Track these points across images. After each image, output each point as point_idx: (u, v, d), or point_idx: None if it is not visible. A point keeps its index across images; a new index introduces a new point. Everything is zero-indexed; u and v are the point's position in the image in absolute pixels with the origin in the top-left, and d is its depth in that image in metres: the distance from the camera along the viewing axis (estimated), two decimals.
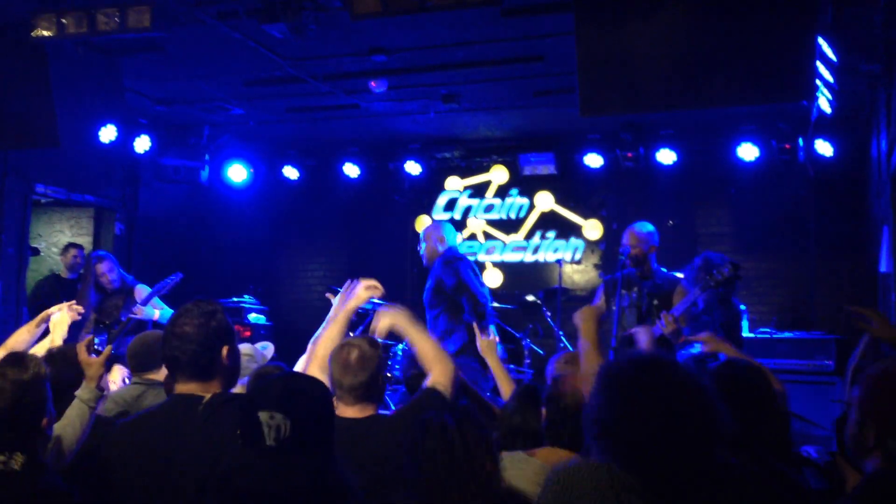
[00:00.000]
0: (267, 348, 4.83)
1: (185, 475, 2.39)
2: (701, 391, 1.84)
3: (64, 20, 5.20)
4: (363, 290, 3.53)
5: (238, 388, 3.87)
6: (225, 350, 2.60)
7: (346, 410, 2.93)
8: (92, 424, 2.98)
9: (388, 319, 3.54)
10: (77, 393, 3.00)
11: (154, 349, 3.82)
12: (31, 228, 8.25)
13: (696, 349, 4.82)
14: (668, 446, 1.78)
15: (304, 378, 2.29)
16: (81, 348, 3.21)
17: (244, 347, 4.41)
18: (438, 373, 3.17)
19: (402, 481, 2.39)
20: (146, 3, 5.03)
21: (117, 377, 4.27)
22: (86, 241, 9.11)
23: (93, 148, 7.17)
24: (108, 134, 7.05)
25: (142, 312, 6.57)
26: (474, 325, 4.50)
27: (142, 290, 6.76)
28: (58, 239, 9.33)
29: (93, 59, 6.11)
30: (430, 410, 2.55)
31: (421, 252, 6.59)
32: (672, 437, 1.78)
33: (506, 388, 3.85)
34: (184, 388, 2.57)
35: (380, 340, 3.43)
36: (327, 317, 3.82)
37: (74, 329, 7.12)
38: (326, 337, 3.34)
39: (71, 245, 8.18)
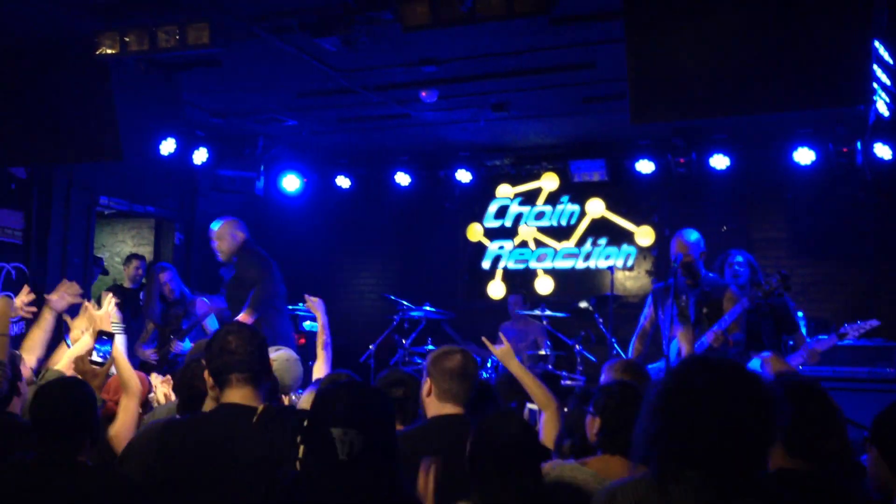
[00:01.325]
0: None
1: (245, 481, 2.44)
2: (762, 396, 1.85)
3: (126, 38, 5.38)
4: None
5: (306, 397, 3.92)
6: (270, 364, 2.76)
7: (448, 408, 3.05)
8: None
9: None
10: None
11: None
12: (95, 239, 8.52)
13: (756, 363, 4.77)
14: (729, 452, 1.79)
15: (371, 389, 2.32)
16: (83, 360, 3.35)
17: (285, 352, 4.39)
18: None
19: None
20: (204, 20, 5.18)
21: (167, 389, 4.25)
22: (146, 250, 9.38)
23: (153, 160, 7.38)
24: (167, 146, 7.25)
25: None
26: (483, 338, 4.41)
27: (202, 304, 7.00)
28: (120, 249, 9.63)
29: (153, 75, 6.30)
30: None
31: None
32: (733, 443, 1.79)
33: (540, 397, 3.71)
34: (233, 398, 2.65)
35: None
36: None
37: (131, 339, 7.37)
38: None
39: (133, 256, 8.45)
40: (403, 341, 8.10)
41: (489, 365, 7.58)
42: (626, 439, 2.76)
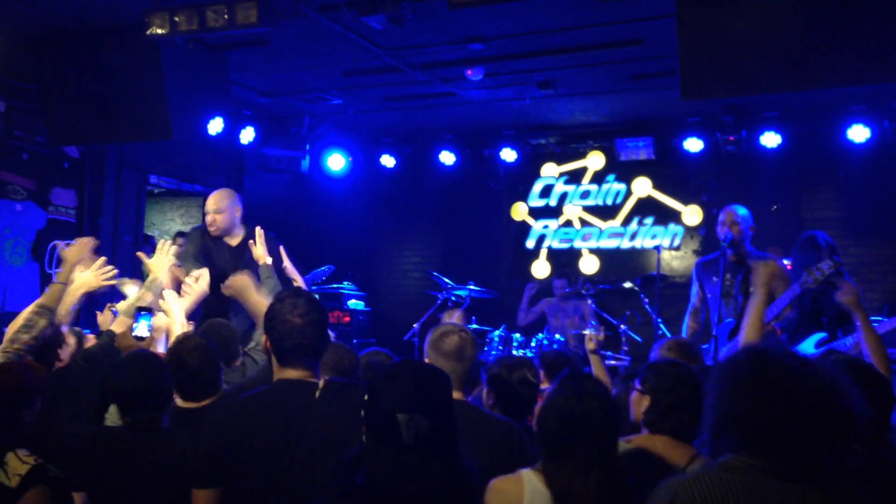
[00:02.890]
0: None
1: (312, 457, 2.42)
2: (839, 384, 1.81)
3: (176, 18, 5.44)
4: None
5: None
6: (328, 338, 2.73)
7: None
8: None
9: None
10: None
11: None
12: (146, 217, 8.68)
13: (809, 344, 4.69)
14: (803, 437, 1.76)
15: (431, 370, 2.28)
16: (125, 335, 3.48)
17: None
18: None
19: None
20: None
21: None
22: None
23: (201, 140, 7.47)
24: (215, 126, 7.32)
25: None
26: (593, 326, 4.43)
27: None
28: (169, 227, 9.79)
29: (201, 55, 6.37)
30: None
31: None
32: (807, 428, 1.76)
33: (603, 376, 3.79)
34: (292, 374, 2.60)
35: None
36: None
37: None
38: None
39: (179, 234, 8.58)
40: (447, 319, 8.14)
41: (495, 342, 7.54)
42: (677, 419, 2.75)
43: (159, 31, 5.49)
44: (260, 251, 4.65)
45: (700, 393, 2.40)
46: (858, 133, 7.55)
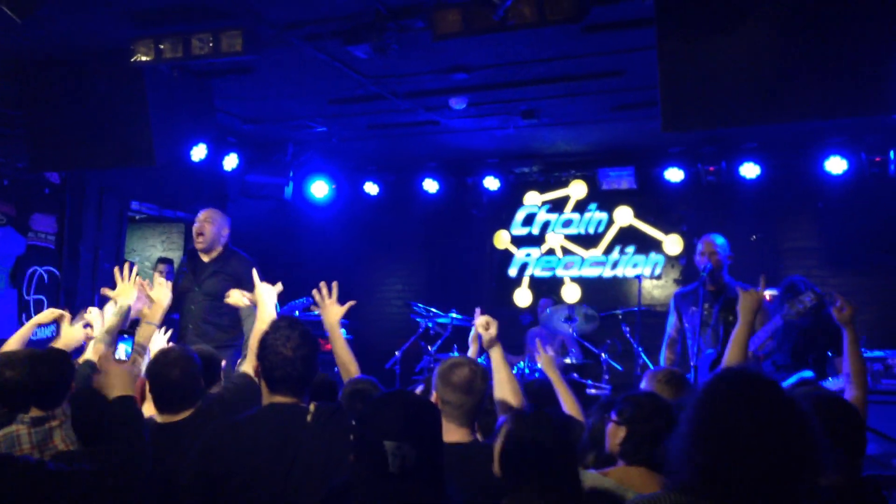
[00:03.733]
0: None
1: (304, 481, 2.44)
2: (804, 417, 1.82)
3: (161, 45, 5.45)
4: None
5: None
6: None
7: (453, 433, 2.87)
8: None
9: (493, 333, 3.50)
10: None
11: None
12: (126, 244, 8.63)
13: (794, 379, 4.73)
14: (764, 472, 1.76)
15: (420, 402, 2.29)
16: (107, 358, 3.45)
17: None
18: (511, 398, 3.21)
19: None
20: (238, 27, 5.23)
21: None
22: (176, 255, 9.48)
23: (184, 166, 7.47)
24: (199, 153, 7.32)
25: None
26: (538, 342, 4.46)
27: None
28: (150, 253, 9.73)
29: (186, 82, 6.38)
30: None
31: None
32: (768, 463, 1.76)
33: (570, 406, 3.78)
34: (281, 399, 2.66)
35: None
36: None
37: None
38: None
39: (160, 260, 8.54)
40: (429, 348, 8.11)
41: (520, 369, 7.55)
42: (650, 451, 2.75)
43: (144, 58, 5.50)
44: (236, 298, 4.56)
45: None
46: (836, 165, 7.66)
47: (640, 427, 2.79)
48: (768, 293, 5.84)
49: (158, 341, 4.03)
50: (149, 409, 3.40)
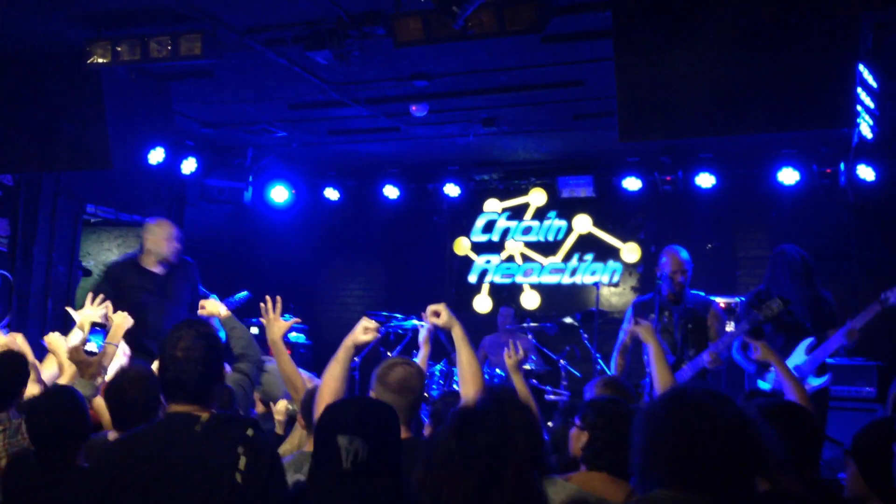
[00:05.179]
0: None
1: (182, 493, 2.37)
2: (744, 421, 1.89)
3: (118, 48, 5.38)
4: (361, 332, 3.31)
5: (281, 404, 3.96)
6: (223, 375, 2.67)
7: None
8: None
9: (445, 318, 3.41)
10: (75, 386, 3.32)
11: None
12: (81, 247, 8.48)
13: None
14: (716, 473, 1.82)
15: (377, 402, 2.33)
16: (77, 350, 3.42)
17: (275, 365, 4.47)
18: (473, 394, 3.19)
19: None
20: (197, 31, 5.19)
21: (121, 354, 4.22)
22: None
23: (142, 169, 7.37)
24: (156, 156, 7.24)
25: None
26: (511, 342, 4.53)
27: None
28: (106, 257, 9.56)
29: (144, 84, 6.31)
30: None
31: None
32: (721, 466, 1.82)
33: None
34: (180, 408, 2.55)
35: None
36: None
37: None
38: (330, 375, 3.15)
39: None
40: (389, 354, 8.10)
41: (436, 376, 7.54)
42: (612, 456, 2.79)
43: (101, 60, 5.43)
44: (213, 307, 4.50)
45: None
46: (788, 176, 7.83)
47: (601, 432, 2.84)
48: (723, 301, 5.96)
49: (117, 360, 4.01)
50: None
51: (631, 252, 9.03)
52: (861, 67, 4.91)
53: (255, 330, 6.46)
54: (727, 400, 1.94)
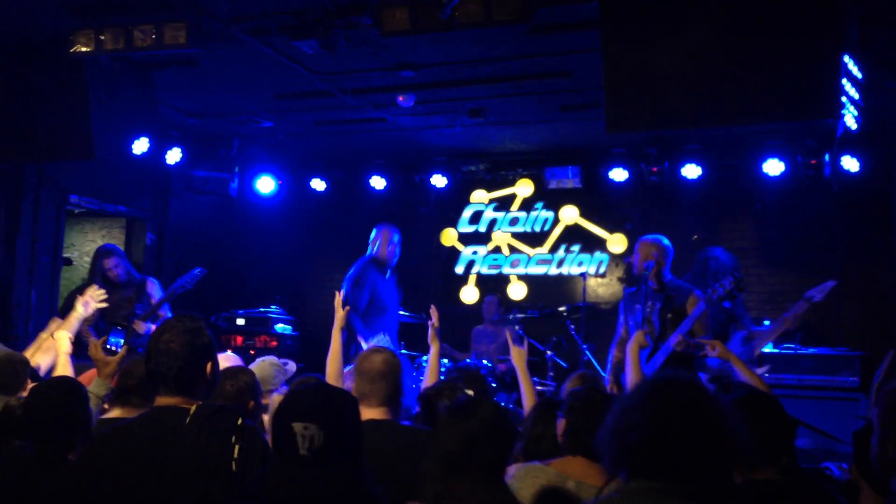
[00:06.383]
0: (288, 364, 4.89)
1: (178, 485, 2.39)
2: (718, 410, 1.89)
3: (102, 37, 5.34)
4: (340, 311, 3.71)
5: (276, 398, 3.96)
6: (209, 366, 2.66)
7: (368, 412, 3.00)
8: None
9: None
10: (90, 388, 3.24)
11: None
12: (65, 238, 8.42)
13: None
14: (687, 460, 1.83)
15: (335, 390, 2.36)
16: (96, 347, 3.38)
17: (270, 359, 4.53)
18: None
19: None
20: (182, 20, 5.16)
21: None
22: None
23: (126, 159, 7.32)
24: (140, 146, 7.19)
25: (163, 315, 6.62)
26: (509, 336, 4.63)
27: (153, 284, 6.78)
28: (90, 248, 9.51)
29: (128, 73, 6.26)
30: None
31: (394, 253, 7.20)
32: (698, 452, 1.82)
33: (529, 400, 3.92)
34: (166, 401, 2.58)
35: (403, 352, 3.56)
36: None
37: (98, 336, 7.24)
38: (330, 359, 3.48)
39: (105, 253, 8.33)
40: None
41: (423, 367, 7.53)
42: (588, 441, 2.82)
43: (84, 49, 5.38)
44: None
45: None
46: (773, 167, 7.86)
47: (574, 418, 2.89)
48: None
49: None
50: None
51: (617, 243, 9.05)
52: (846, 59, 4.93)
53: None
54: (700, 388, 1.94)
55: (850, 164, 7.46)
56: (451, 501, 2.25)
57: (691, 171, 8.18)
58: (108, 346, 3.51)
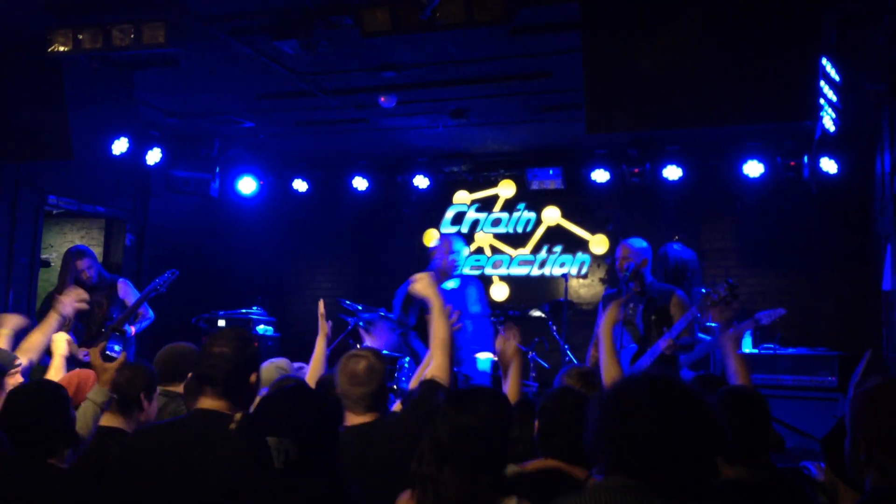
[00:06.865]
0: (304, 368, 4.87)
1: (214, 489, 2.41)
2: (701, 406, 1.88)
3: (80, 36, 5.29)
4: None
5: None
6: (253, 376, 2.76)
7: (355, 418, 2.98)
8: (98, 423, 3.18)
9: (423, 286, 3.54)
10: (89, 395, 3.20)
11: (181, 361, 3.88)
12: (43, 239, 8.34)
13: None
14: (670, 457, 1.82)
15: (311, 397, 2.33)
16: (95, 354, 3.34)
17: (276, 361, 4.52)
18: (440, 362, 3.22)
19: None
20: (161, 19, 5.12)
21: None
22: (96, 251, 9.17)
23: (105, 160, 7.26)
24: (120, 146, 7.13)
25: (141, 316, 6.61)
26: (507, 325, 4.64)
27: (124, 285, 6.74)
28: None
29: (107, 73, 6.20)
30: (437, 398, 2.59)
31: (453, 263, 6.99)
32: (672, 448, 1.81)
33: (514, 391, 3.89)
34: (209, 404, 2.66)
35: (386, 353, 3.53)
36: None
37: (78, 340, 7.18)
38: (312, 367, 3.46)
39: (76, 254, 8.25)
40: (358, 346, 8.06)
41: (405, 368, 7.50)
42: (560, 442, 2.81)
43: (62, 48, 5.33)
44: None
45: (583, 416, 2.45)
46: (753, 168, 7.91)
47: (547, 419, 2.88)
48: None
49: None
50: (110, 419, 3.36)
51: (599, 244, 9.08)
52: (824, 61, 4.97)
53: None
54: (678, 384, 1.92)
55: (828, 165, 7.52)
56: (441, 486, 2.24)
57: (672, 173, 8.22)
58: (107, 353, 3.49)
